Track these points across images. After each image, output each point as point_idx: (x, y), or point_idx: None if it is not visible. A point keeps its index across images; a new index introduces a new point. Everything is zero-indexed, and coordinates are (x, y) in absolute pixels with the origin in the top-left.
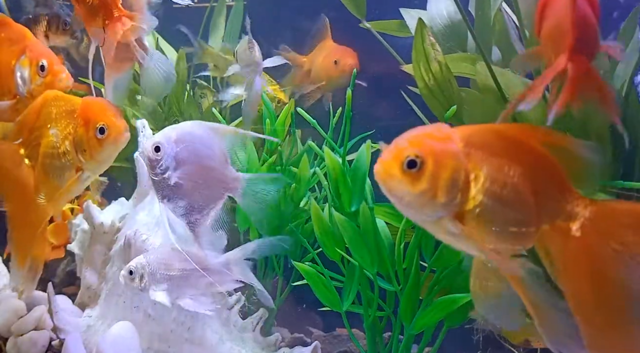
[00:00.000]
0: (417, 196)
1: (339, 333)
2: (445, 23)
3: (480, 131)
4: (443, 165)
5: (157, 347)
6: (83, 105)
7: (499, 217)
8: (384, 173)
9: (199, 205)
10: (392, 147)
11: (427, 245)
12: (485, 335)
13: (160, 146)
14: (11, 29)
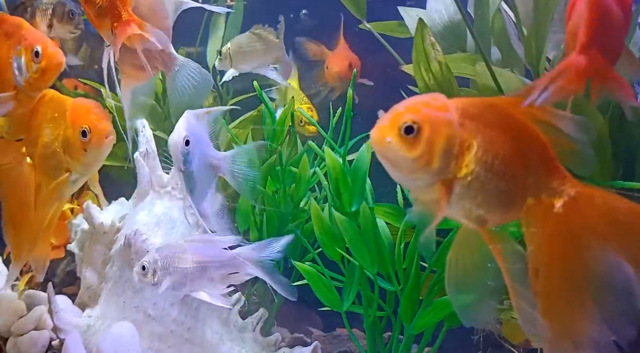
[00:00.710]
0: (412, 161)
1: (339, 333)
2: (445, 23)
3: (475, 103)
4: (439, 132)
5: (157, 347)
6: (72, 107)
7: (488, 186)
8: (380, 137)
9: (204, 192)
10: (390, 113)
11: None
12: (485, 335)
13: (189, 139)
14: (7, 24)
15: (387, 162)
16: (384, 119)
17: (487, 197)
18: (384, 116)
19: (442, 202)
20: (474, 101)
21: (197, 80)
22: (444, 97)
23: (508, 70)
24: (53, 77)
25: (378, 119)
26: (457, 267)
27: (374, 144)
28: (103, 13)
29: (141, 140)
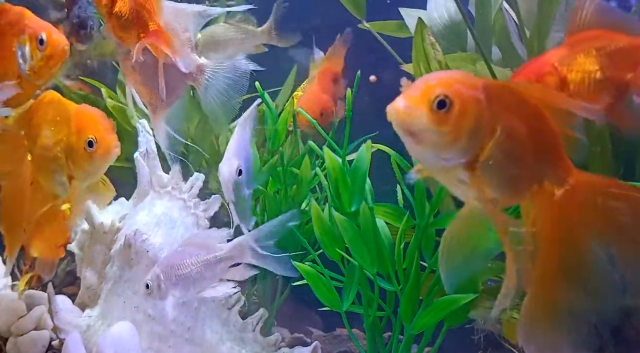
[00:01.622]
0: (439, 137)
1: (339, 333)
2: (445, 23)
3: (499, 86)
4: (469, 110)
5: (157, 347)
6: (77, 114)
7: (505, 170)
8: (408, 109)
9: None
10: (421, 84)
11: (427, 245)
12: (485, 335)
13: (242, 168)
14: (10, 13)
15: (410, 135)
16: (414, 90)
17: (502, 181)
18: (412, 87)
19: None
20: (497, 84)
21: (232, 79)
22: (473, 75)
23: (508, 69)
24: (58, 63)
25: (402, 88)
26: (452, 241)
27: (398, 114)
28: (129, 26)
29: (141, 140)
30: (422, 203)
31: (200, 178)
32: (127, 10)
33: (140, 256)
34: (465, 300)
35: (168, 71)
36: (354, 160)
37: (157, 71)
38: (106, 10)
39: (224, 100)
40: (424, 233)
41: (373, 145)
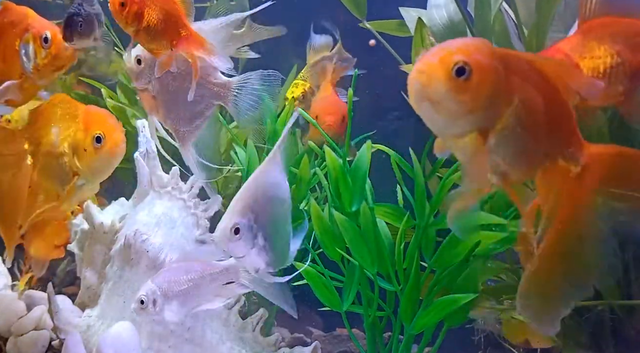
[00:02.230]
0: (457, 105)
1: (339, 333)
2: (445, 23)
3: (516, 57)
4: (488, 79)
5: (157, 347)
6: (86, 111)
7: (519, 143)
8: (426, 75)
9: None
10: (440, 51)
11: (427, 245)
12: (486, 335)
13: (239, 226)
14: (13, 12)
15: (426, 102)
16: (432, 56)
17: (515, 154)
18: (430, 53)
19: (480, 152)
20: (514, 54)
21: (262, 90)
22: (490, 44)
23: None
24: (64, 63)
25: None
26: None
27: (415, 81)
28: (159, 36)
29: (141, 140)
30: (422, 203)
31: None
32: (155, 21)
33: (140, 256)
34: (465, 300)
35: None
36: (355, 160)
37: (179, 98)
38: (134, 28)
39: (256, 113)
40: (424, 233)
41: (373, 145)
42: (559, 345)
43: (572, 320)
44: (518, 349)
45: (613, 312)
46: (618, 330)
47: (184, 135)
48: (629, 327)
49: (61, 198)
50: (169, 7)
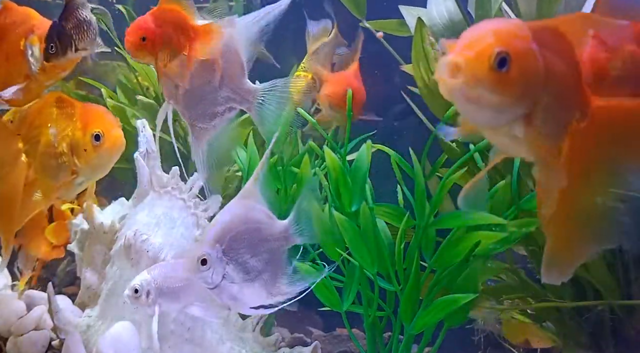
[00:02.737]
0: (500, 98)
1: (339, 333)
2: (445, 23)
3: (544, 29)
4: (528, 66)
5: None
6: (83, 110)
7: (557, 115)
8: (464, 71)
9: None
10: (475, 42)
11: (427, 245)
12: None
13: (207, 257)
14: (15, 12)
15: (468, 100)
16: (467, 49)
17: (554, 126)
18: (464, 44)
19: (528, 135)
20: (543, 27)
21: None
22: (522, 23)
23: None
24: (69, 66)
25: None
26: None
27: (452, 78)
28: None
29: (141, 140)
30: (422, 204)
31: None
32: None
33: (140, 256)
34: (465, 300)
35: (214, 94)
36: (355, 160)
37: (204, 94)
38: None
39: (279, 121)
40: (424, 233)
41: (373, 145)
42: (559, 345)
43: (572, 320)
44: (518, 349)
45: (613, 312)
46: (618, 330)
47: (200, 131)
48: (629, 327)
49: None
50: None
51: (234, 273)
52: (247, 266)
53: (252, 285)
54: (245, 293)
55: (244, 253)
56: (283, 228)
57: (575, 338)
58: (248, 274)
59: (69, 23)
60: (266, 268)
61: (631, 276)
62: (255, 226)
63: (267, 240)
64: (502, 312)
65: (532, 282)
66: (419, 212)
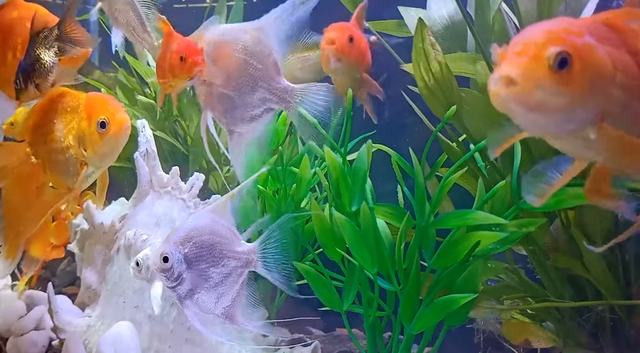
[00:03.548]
0: (567, 99)
1: (339, 333)
2: (445, 23)
3: (598, 24)
4: (591, 60)
5: (157, 347)
6: (86, 100)
7: (632, 108)
8: (522, 79)
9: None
10: (527, 46)
11: (427, 245)
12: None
13: (168, 255)
14: (22, 7)
15: (532, 109)
16: (520, 56)
17: (629, 123)
18: (515, 51)
19: (596, 138)
20: (595, 22)
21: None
22: (570, 19)
23: None
24: (77, 63)
25: (495, 54)
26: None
27: (509, 89)
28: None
29: (141, 140)
30: (422, 204)
31: (200, 179)
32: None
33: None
34: (465, 300)
35: (250, 96)
36: (355, 160)
37: (239, 98)
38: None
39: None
40: (424, 233)
41: (373, 145)
42: (559, 345)
43: (572, 320)
44: (518, 349)
45: (613, 312)
46: (618, 330)
47: (239, 137)
48: (629, 327)
49: (71, 191)
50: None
51: (192, 278)
52: (205, 275)
53: (208, 295)
54: (200, 300)
55: (204, 262)
56: (246, 250)
57: (575, 338)
58: (205, 282)
59: (28, 59)
60: (224, 283)
61: (631, 276)
62: (218, 239)
63: (228, 257)
64: (502, 312)
65: (532, 282)
66: (419, 212)
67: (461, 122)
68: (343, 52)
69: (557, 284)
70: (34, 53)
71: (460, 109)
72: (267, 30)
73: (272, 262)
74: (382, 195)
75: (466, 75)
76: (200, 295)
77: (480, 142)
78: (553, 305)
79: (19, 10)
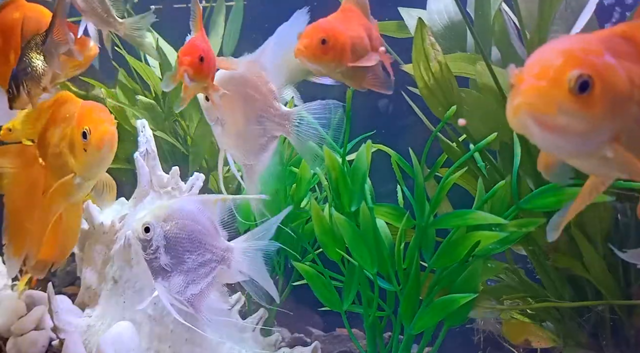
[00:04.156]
0: (587, 122)
1: (339, 333)
2: (445, 23)
3: (611, 37)
4: (612, 81)
5: (157, 347)
6: (79, 108)
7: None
8: (541, 104)
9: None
10: (545, 68)
11: (427, 245)
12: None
13: (150, 226)
14: (27, 8)
15: (550, 131)
16: (538, 78)
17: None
18: (533, 72)
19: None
20: (613, 35)
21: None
22: (589, 36)
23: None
24: (85, 65)
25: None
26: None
27: (528, 113)
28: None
29: (141, 140)
30: (422, 204)
31: (200, 179)
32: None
33: (140, 256)
34: (465, 300)
35: (255, 128)
36: (354, 160)
37: (248, 131)
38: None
39: (316, 142)
40: (424, 233)
41: (373, 145)
42: (559, 345)
43: (572, 320)
44: (518, 349)
45: (613, 312)
46: (618, 330)
47: (252, 169)
48: (629, 327)
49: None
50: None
51: (167, 256)
52: (180, 257)
53: (178, 278)
54: (171, 280)
55: (181, 244)
56: (224, 247)
57: (575, 338)
58: (178, 265)
59: (20, 65)
60: (196, 271)
61: (631, 276)
62: (199, 228)
63: (205, 248)
64: (502, 312)
65: (532, 282)
66: (419, 212)
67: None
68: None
69: (557, 284)
70: (26, 58)
71: (460, 109)
72: (262, 61)
73: (249, 265)
74: (381, 195)
75: (466, 75)
76: (172, 275)
77: (480, 142)
78: (553, 305)
79: (21, 11)
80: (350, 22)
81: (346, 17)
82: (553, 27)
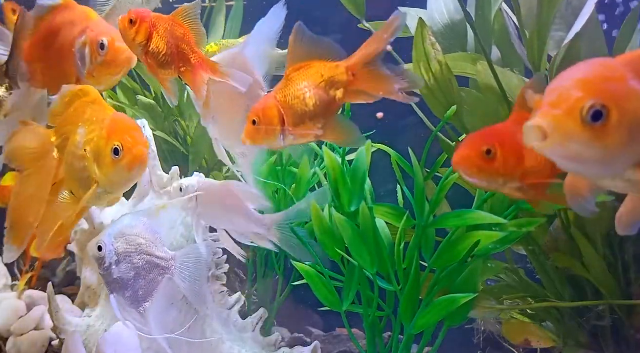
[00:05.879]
0: (606, 151)
1: (339, 333)
2: (446, 23)
3: (631, 62)
4: (629, 110)
5: (157, 347)
6: (112, 119)
7: None
8: (555, 134)
9: (143, 296)
10: (561, 97)
11: (427, 245)
12: (486, 335)
13: (101, 245)
14: (74, 12)
15: (566, 159)
16: (553, 107)
17: None
18: (549, 101)
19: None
20: (628, 60)
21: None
22: (615, 61)
23: (508, 69)
24: (119, 72)
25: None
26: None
27: (542, 141)
28: (168, 62)
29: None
30: (422, 204)
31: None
32: (163, 45)
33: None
34: (465, 300)
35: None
36: (354, 160)
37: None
38: (141, 48)
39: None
40: (423, 233)
41: (373, 145)
42: (559, 345)
43: (572, 320)
44: (518, 349)
45: (613, 312)
46: (618, 330)
47: (247, 160)
48: (629, 327)
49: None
50: (178, 33)
51: (119, 271)
52: (129, 271)
53: (129, 290)
54: (123, 293)
55: (130, 259)
56: (167, 257)
57: (575, 338)
58: (128, 279)
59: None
60: (149, 283)
61: (631, 276)
62: (144, 241)
63: (150, 260)
64: (502, 312)
65: (532, 282)
66: (418, 212)
67: (461, 122)
68: None
69: (557, 284)
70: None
71: (461, 109)
72: (246, 52)
73: (186, 273)
74: (381, 195)
75: (466, 75)
76: (126, 289)
77: None
78: (553, 305)
79: (69, 15)
80: None
81: None
82: (553, 26)
